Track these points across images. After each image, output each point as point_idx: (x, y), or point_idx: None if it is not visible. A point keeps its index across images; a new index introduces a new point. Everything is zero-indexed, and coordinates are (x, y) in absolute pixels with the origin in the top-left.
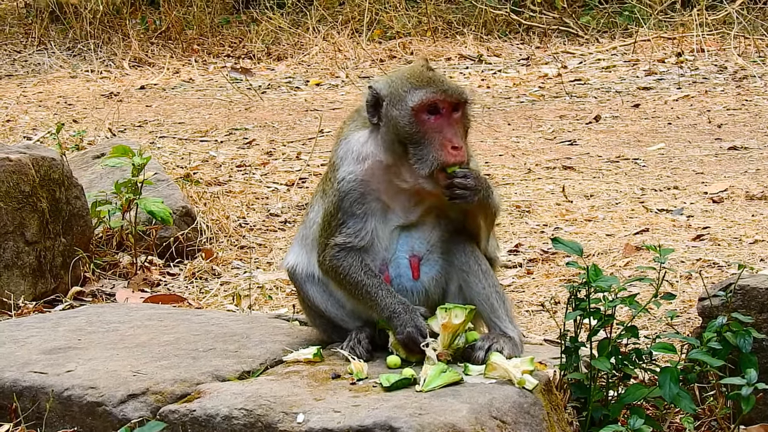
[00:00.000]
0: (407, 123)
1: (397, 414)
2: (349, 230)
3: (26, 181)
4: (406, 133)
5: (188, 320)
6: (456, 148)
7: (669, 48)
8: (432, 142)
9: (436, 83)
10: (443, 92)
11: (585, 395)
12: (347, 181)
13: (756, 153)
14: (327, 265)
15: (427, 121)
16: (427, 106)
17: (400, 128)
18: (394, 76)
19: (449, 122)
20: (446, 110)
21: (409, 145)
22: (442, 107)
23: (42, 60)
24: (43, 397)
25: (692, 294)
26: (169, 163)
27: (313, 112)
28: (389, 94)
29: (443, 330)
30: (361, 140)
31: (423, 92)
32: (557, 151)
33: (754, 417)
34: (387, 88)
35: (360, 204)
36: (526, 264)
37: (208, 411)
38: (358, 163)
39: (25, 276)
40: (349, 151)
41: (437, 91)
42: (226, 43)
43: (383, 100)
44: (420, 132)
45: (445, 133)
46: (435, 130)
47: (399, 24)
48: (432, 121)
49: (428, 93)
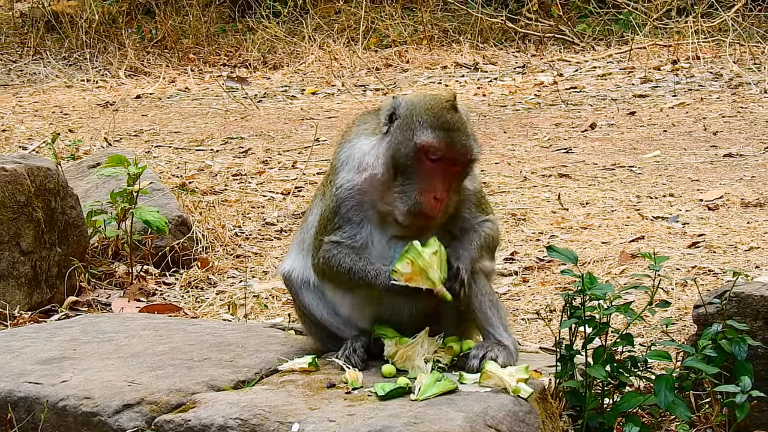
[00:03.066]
0: (406, 154)
1: (392, 423)
2: (344, 233)
3: (22, 191)
4: (402, 162)
5: (183, 330)
6: (438, 199)
7: (664, 55)
8: (420, 183)
9: (451, 133)
10: (452, 147)
11: (580, 403)
12: (345, 189)
13: (751, 160)
14: (320, 262)
15: (424, 162)
16: (432, 150)
17: (399, 153)
18: (417, 100)
19: (445, 172)
20: (447, 161)
21: (399, 175)
22: (445, 158)
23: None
24: (38, 408)
25: (687, 301)
26: (165, 173)
27: (309, 121)
28: (404, 116)
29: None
30: (365, 149)
31: (433, 136)
32: (553, 158)
33: (749, 424)
34: (405, 109)
35: (357, 211)
36: (521, 272)
37: (204, 421)
38: (357, 173)
39: (21, 286)
40: (350, 157)
41: (447, 144)
42: (222, 52)
43: (397, 118)
44: (414, 168)
45: (436, 181)
46: (428, 173)
47: (395, 32)
48: (429, 164)
49: (438, 140)
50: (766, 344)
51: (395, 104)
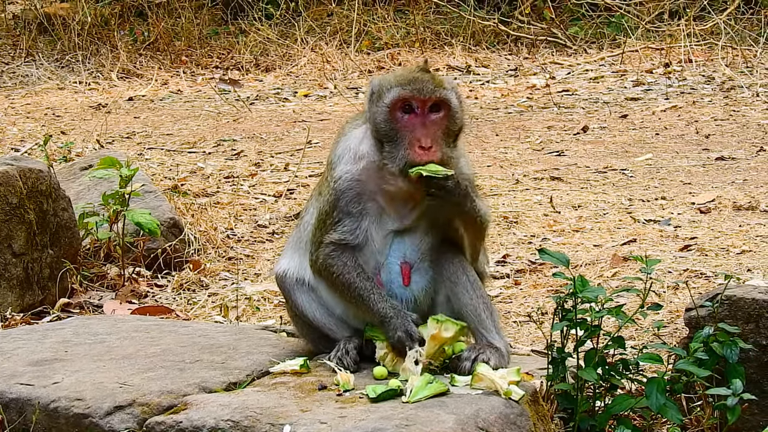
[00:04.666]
0: (383, 119)
1: (383, 425)
2: (344, 228)
3: (13, 192)
4: (382, 130)
5: (175, 332)
6: (424, 148)
7: (657, 58)
8: (402, 140)
9: (415, 82)
10: (417, 90)
11: (572, 406)
12: (344, 180)
13: (743, 163)
14: (320, 264)
15: (400, 119)
16: (401, 103)
17: (377, 124)
18: (390, 73)
19: (423, 122)
20: (421, 109)
21: (385, 143)
22: (417, 106)
23: (30, 71)
24: (29, 409)
25: (679, 304)
26: (157, 175)
27: (301, 123)
28: (377, 89)
29: (431, 340)
30: (359, 137)
31: (399, 89)
32: (545, 161)
33: (740, 427)
34: (378, 83)
35: (356, 203)
36: (513, 275)
37: (195, 422)
38: (355, 163)
39: (13, 288)
40: (346, 149)
41: (412, 90)
42: (214, 55)
43: (373, 94)
44: (393, 129)
45: (416, 132)
46: (407, 128)
47: (387, 35)
48: (406, 119)
49: (403, 90)
50: (757, 347)
51: (371, 84)
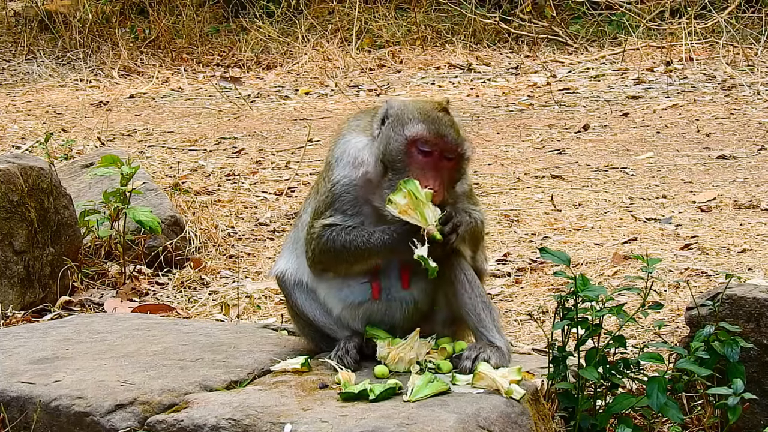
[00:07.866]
0: (397, 149)
1: (384, 424)
2: (337, 218)
3: (14, 190)
4: (393, 158)
5: (176, 330)
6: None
7: (658, 57)
8: (409, 174)
9: (441, 126)
10: (442, 137)
11: (573, 405)
12: (341, 185)
13: (744, 162)
14: (314, 249)
15: (414, 156)
16: (421, 142)
17: (389, 150)
18: (409, 101)
19: (436, 165)
20: (438, 155)
21: (390, 170)
22: (435, 151)
23: (31, 69)
24: (30, 407)
25: (680, 303)
26: (158, 173)
27: (302, 121)
28: (396, 114)
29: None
30: (359, 145)
31: (424, 128)
32: (546, 160)
33: (741, 426)
34: (397, 109)
35: (352, 207)
36: (514, 273)
37: (196, 421)
38: (354, 168)
39: (14, 285)
40: (345, 152)
41: (437, 134)
42: (215, 52)
43: (389, 117)
44: (403, 162)
45: (427, 173)
46: (418, 166)
47: (388, 33)
48: (420, 158)
49: (428, 131)
50: (758, 346)
51: (388, 106)
